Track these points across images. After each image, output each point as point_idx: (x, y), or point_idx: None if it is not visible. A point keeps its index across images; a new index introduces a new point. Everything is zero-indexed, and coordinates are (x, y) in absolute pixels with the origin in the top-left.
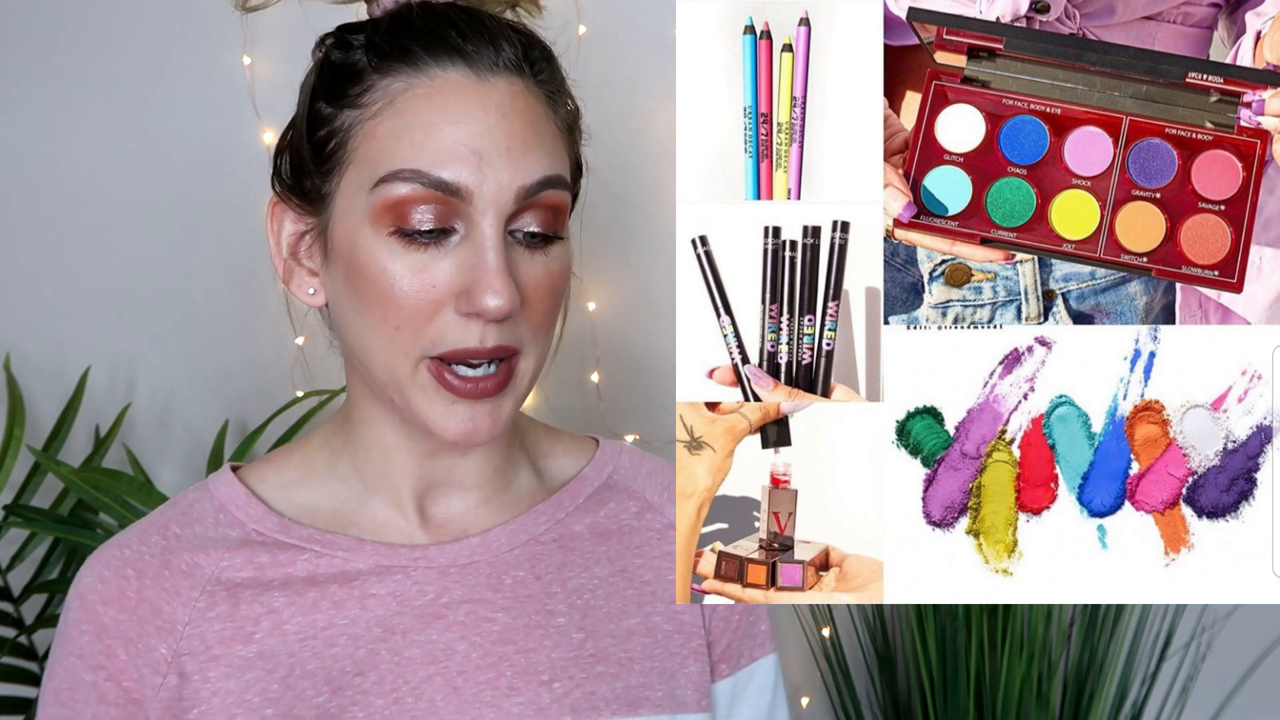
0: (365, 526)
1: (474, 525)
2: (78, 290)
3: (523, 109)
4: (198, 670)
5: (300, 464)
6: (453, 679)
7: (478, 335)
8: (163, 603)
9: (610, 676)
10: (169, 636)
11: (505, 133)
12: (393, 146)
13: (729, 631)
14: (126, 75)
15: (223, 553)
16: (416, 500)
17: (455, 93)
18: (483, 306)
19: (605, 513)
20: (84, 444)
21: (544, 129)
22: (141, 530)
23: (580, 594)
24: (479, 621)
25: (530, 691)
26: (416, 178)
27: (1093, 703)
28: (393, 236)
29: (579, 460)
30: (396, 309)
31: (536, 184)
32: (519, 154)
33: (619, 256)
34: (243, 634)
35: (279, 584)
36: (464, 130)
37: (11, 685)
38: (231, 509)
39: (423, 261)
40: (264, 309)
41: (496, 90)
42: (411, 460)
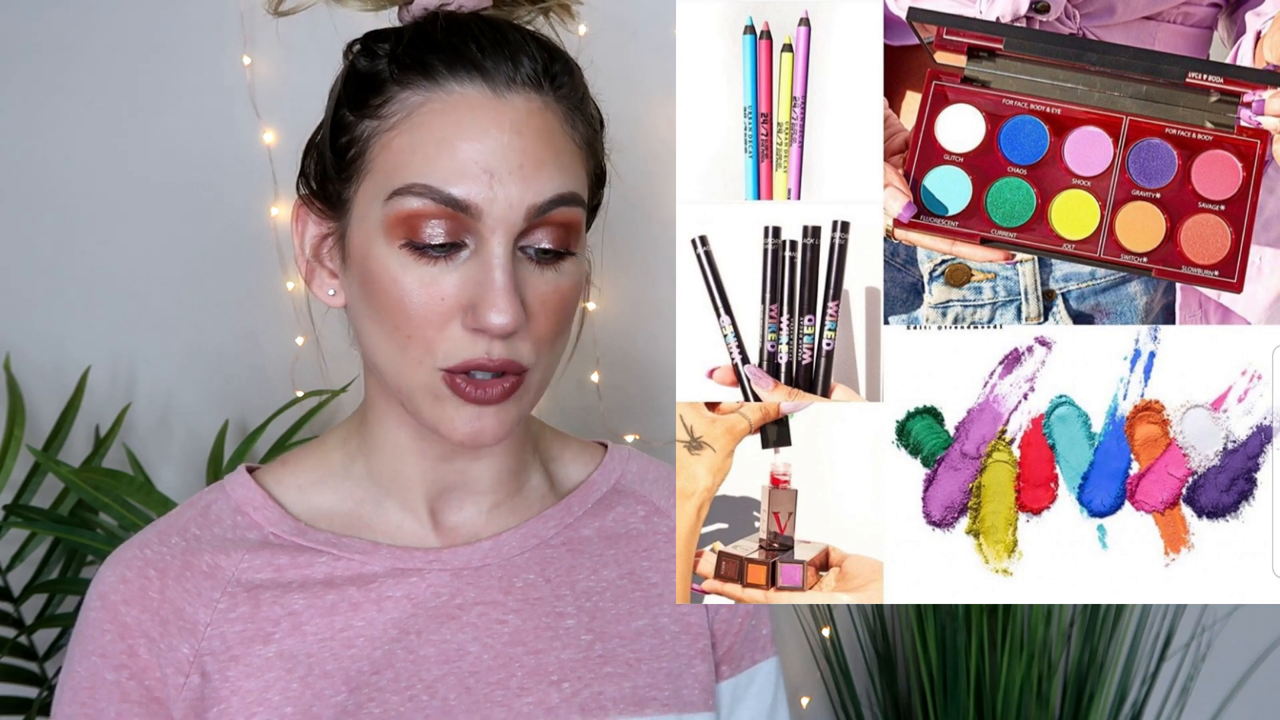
0: (380, 529)
1: (485, 529)
2: (78, 290)
3: (538, 126)
4: (218, 670)
5: (316, 466)
6: (465, 679)
7: (484, 349)
8: (184, 603)
9: (618, 677)
10: (191, 637)
11: (519, 150)
12: (407, 160)
13: (731, 634)
14: (127, 75)
15: (242, 554)
16: (429, 504)
17: (470, 109)
18: (488, 323)
19: (613, 517)
20: (84, 444)
21: (560, 146)
22: (161, 531)
23: (589, 596)
24: (491, 623)
25: (540, 691)
26: (428, 193)
27: (1093, 703)
28: (404, 249)
29: (587, 465)
30: (406, 320)
31: (547, 202)
32: (531, 172)
33: (619, 256)
34: (263, 634)
35: (298, 586)
36: (476, 147)
37: (11, 685)
38: (249, 511)
39: (432, 275)
40: (264, 309)
41: (512, 107)
42: (425, 464)
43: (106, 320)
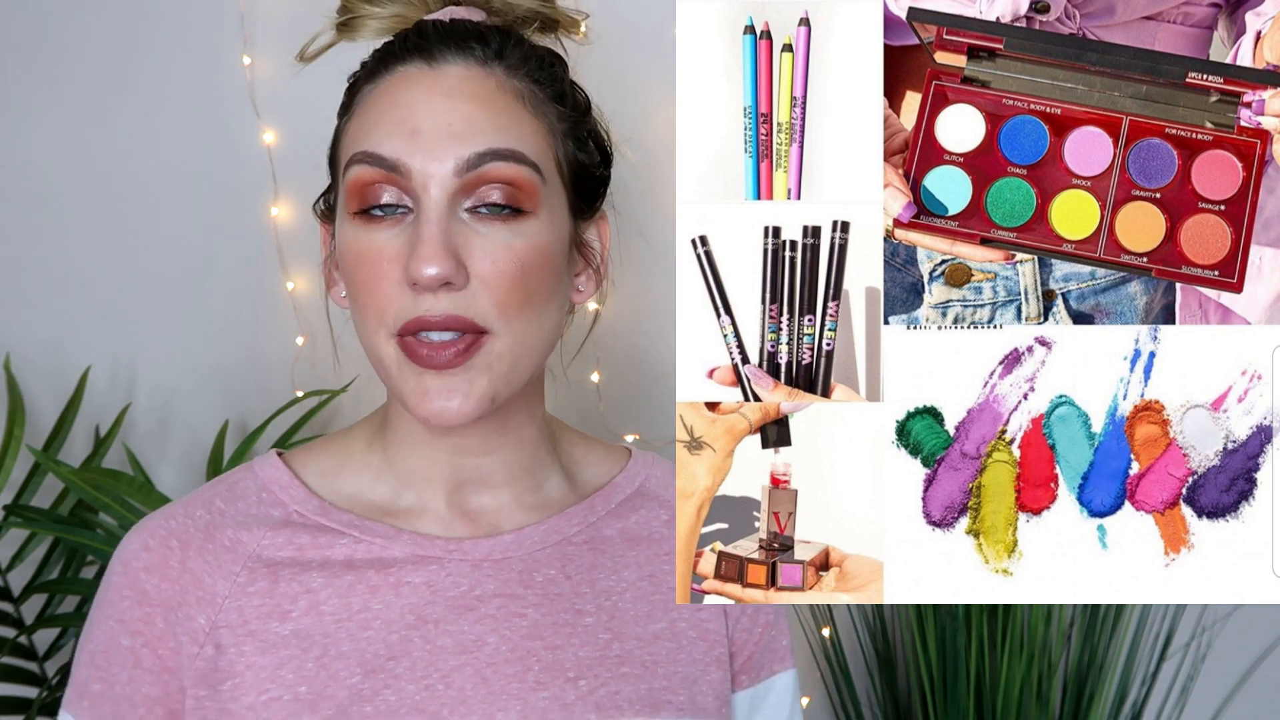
0: (401, 518)
1: (507, 522)
2: (78, 290)
3: (474, 91)
4: (234, 644)
5: (338, 453)
6: (482, 669)
7: (426, 305)
8: (204, 574)
9: (634, 678)
10: (208, 608)
11: (446, 110)
12: (355, 136)
13: (751, 643)
14: (127, 75)
15: (265, 531)
16: (448, 495)
17: (405, 80)
18: (418, 275)
19: (636, 519)
20: (84, 444)
21: (501, 108)
22: (187, 504)
23: (609, 595)
24: (509, 616)
25: (556, 687)
26: (365, 159)
27: (1093, 703)
28: (357, 218)
29: (612, 468)
30: (360, 286)
31: (477, 155)
32: (460, 128)
33: (619, 256)
34: (280, 611)
35: (318, 565)
36: (406, 111)
37: (11, 685)
38: (275, 489)
39: (377, 239)
40: (264, 309)
41: (447, 75)
42: (440, 456)
43: (106, 320)
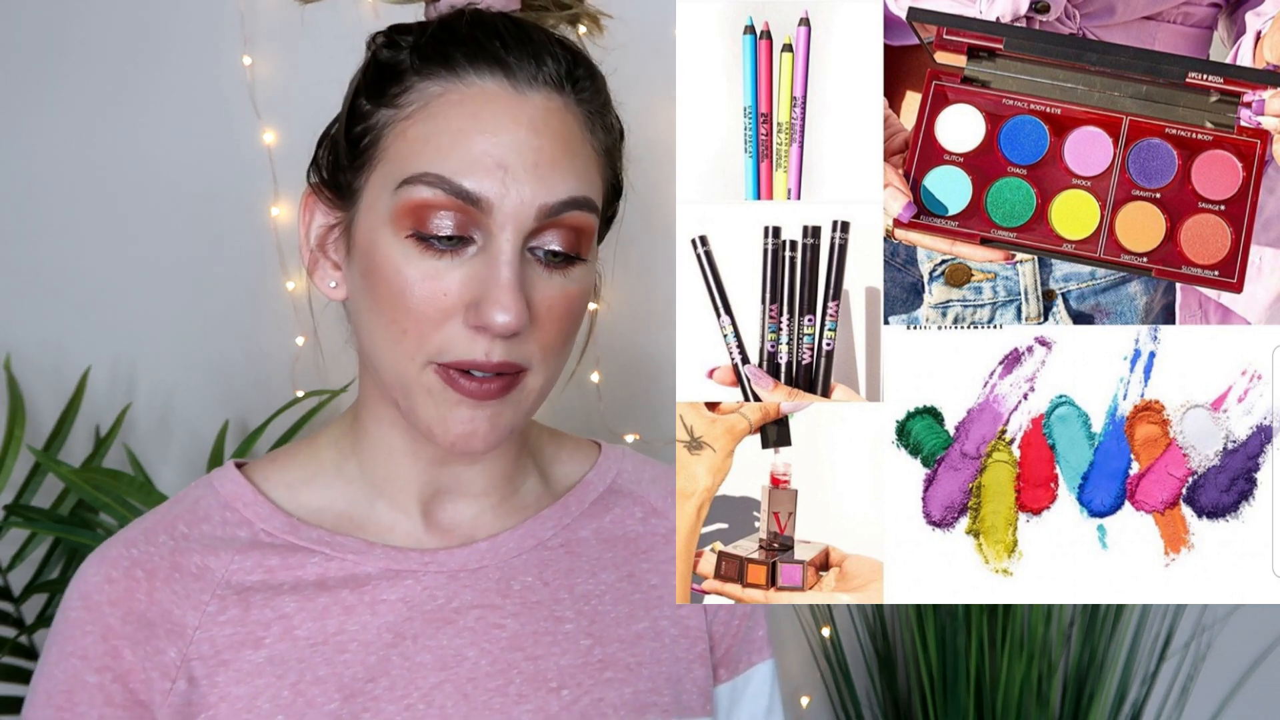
0: (372, 529)
1: (481, 530)
2: (78, 290)
3: (557, 126)
4: (206, 675)
5: (307, 463)
6: (463, 685)
7: (484, 349)
8: (173, 605)
9: (618, 682)
10: (179, 640)
11: (534, 148)
12: (420, 149)
13: (728, 636)
14: (127, 75)
15: (232, 554)
16: (422, 505)
17: (489, 102)
18: (490, 321)
19: (611, 518)
20: (84, 444)
21: (577, 149)
22: (148, 529)
23: (588, 599)
24: (489, 628)
25: (539, 699)
26: (439, 183)
27: (1093, 703)
28: (410, 240)
29: (583, 465)
30: (405, 312)
31: (560, 204)
32: (546, 171)
33: (619, 256)
34: (253, 639)
35: (289, 588)
36: (492, 141)
37: (11, 685)
38: (238, 507)
39: (437, 269)
40: (264, 309)
41: (531, 105)
42: (418, 466)
43: (106, 320)
